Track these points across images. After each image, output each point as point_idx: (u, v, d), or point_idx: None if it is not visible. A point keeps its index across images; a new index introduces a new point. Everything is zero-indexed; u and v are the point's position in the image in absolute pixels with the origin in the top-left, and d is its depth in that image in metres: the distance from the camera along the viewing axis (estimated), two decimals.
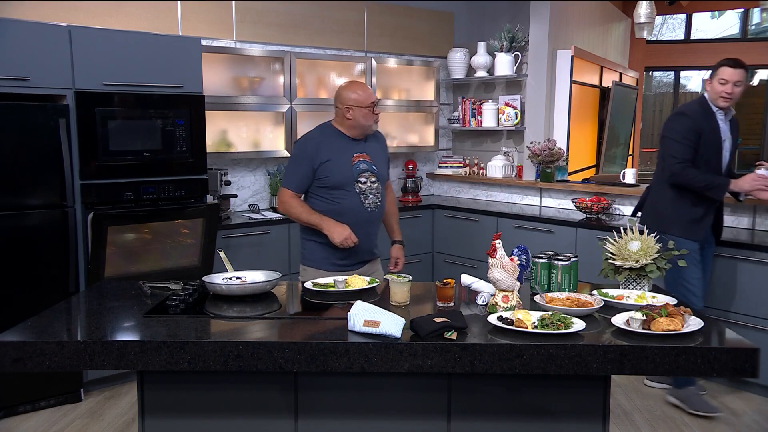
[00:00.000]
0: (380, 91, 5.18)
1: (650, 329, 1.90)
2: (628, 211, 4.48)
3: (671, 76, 11.28)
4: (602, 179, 5.08)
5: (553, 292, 2.34)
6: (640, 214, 3.61)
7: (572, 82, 5.22)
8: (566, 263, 2.37)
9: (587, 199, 4.50)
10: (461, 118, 5.60)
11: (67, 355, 1.85)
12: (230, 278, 2.41)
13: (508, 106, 5.27)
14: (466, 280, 2.35)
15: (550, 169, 4.92)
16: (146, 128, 3.66)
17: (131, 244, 3.73)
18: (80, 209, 3.49)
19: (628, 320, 1.97)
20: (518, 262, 2.20)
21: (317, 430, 2.09)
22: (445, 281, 2.23)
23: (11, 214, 3.28)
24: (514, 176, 5.31)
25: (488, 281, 2.21)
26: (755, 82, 12.29)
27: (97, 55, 3.47)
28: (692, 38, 10.54)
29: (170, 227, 3.84)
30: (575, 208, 4.56)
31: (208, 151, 3.99)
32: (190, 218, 3.86)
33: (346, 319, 1.95)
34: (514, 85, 5.43)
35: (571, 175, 5.23)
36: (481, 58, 5.39)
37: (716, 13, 10.74)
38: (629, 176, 4.69)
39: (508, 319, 1.96)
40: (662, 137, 3.43)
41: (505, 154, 5.43)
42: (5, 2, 3.60)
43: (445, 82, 5.72)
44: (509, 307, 2.12)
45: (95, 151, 3.49)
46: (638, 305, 2.15)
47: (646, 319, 1.94)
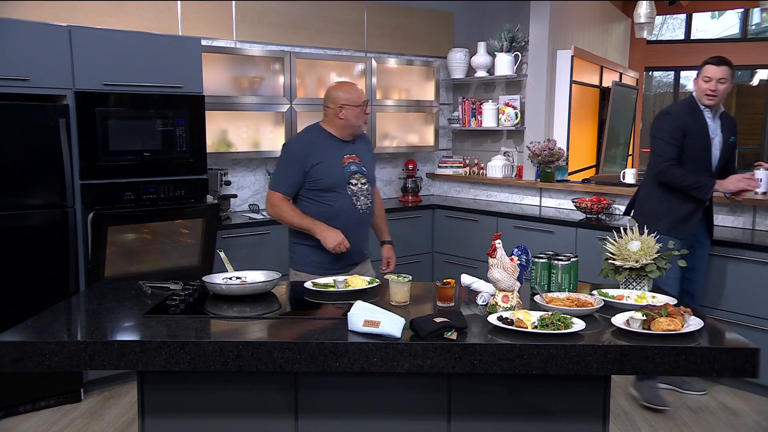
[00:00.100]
0: (380, 91, 5.18)
1: (650, 329, 1.90)
2: None
3: (671, 76, 11.29)
4: (602, 179, 5.08)
5: (553, 292, 2.34)
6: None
7: (572, 82, 5.22)
8: (566, 263, 2.37)
9: (587, 199, 4.50)
10: (461, 118, 5.60)
11: (67, 355, 1.85)
12: (230, 278, 2.41)
13: (508, 106, 5.27)
14: (466, 280, 2.35)
15: (550, 169, 4.92)
16: (146, 128, 3.66)
17: (131, 244, 3.73)
18: (80, 209, 3.49)
19: (628, 320, 1.97)
20: (518, 262, 2.20)
21: (317, 430, 2.09)
22: (445, 281, 2.23)
23: (11, 214, 3.28)
24: (514, 176, 5.31)
25: (488, 281, 2.21)
26: (755, 82, 12.28)
27: (97, 55, 3.48)
28: (692, 38, 10.54)
29: (170, 227, 3.84)
30: (575, 208, 4.56)
31: (208, 151, 3.99)
32: (190, 218, 3.86)
33: (346, 319, 1.95)
34: (514, 85, 5.43)
35: (571, 175, 5.23)
36: (481, 58, 5.40)
37: (716, 13, 10.74)
38: (629, 176, 4.69)
39: (508, 319, 1.96)
40: (651, 136, 3.50)
41: (505, 154, 5.43)
42: (5, 2, 3.60)
43: (445, 82, 5.72)
44: (509, 307, 2.12)
45: (95, 151, 3.50)
46: (638, 305, 2.14)
47: (646, 319, 1.94)
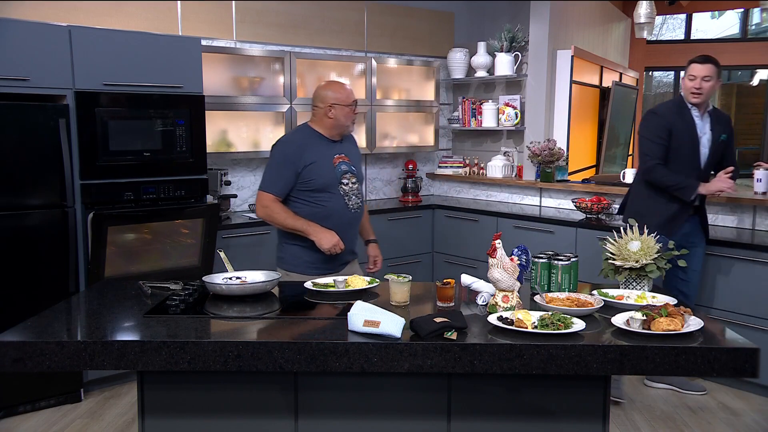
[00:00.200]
0: (380, 91, 5.18)
1: (650, 329, 1.90)
2: None
3: (671, 76, 11.29)
4: (602, 179, 5.08)
5: (553, 292, 2.34)
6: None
7: (572, 82, 5.22)
8: (566, 263, 2.37)
9: (587, 199, 4.50)
10: (461, 118, 5.60)
11: (67, 355, 1.85)
12: (230, 278, 2.41)
13: (508, 106, 5.27)
14: (466, 280, 2.35)
15: (550, 169, 4.92)
16: (146, 128, 3.66)
17: (131, 244, 3.73)
18: (80, 209, 3.49)
19: (628, 320, 1.97)
20: (518, 262, 2.20)
21: (317, 430, 2.09)
22: (445, 281, 2.23)
23: (11, 214, 3.28)
24: (514, 176, 5.31)
25: (488, 281, 2.21)
26: (755, 82, 12.28)
27: (97, 55, 3.48)
28: (692, 38, 10.54)
29: (170, 227, 3.84)
30: (575, 208, 4.56)
31: (208, 151, 3.99)
32: (190, 218, 3.86)
33: (346, 319, 1.95)
34: (514, 85, 5.43)
35: (571, 175, 5.23)
36: (481, 58, 5.39)
37: (716, 13, 10.74)
38: (629, 176, 4.68)
39: (508, 319, 1.96)
40: (638, 135, 3.56)
41: (505, 154, 5.43)
42: (5, 2, 3.60)
43: (445, 82, 5.72)
44: (509, 307, 2.12)
45: (95, 151, 3.50)
46: (638, 305, 2.15)
47: (646, 319, 1.94)
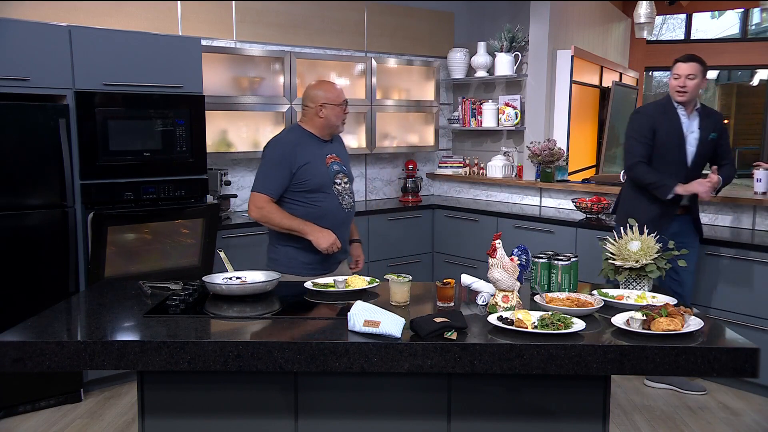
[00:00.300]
0: (380, 91, 5.18)
1: (650, 329, 1.90)
2: None
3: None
4: (602, 179, 5.08)
5: (553, 292, 2.34)
6: None
7: (572, 82, 5.22)
8: (566, 263, 2.37)
9: (587, 199, 4.50)
10: (461, 118, 5.60)
11: (67, 355, 1.85)
12: (230, 278, 2.41)
13: (508, 106, 5.27)
14: (466, 280, 2.35)
15: (550, 169, 4.92)
16: (146, 128, 3.66)
17: (131, 244, 3.73)
18: (80, 209, 3.49)
19: (628, 320, 1.97)
20: (518, 262, 2.20)
21: (317, 430, 2.09)
22: (445, 281, 2.23)
23: (11, 214, 3.28)
24: (514, 176, 5.31)
25: (488, 281, 2.21)
26: (755, 82, 12.27)
27: (97, 55, 3.47)
28: (692, 38, 10.54)
29: (170, 227, 3.84)
30: (575, 208, 4.56)
31: (208, 151, 3.99)
32: (190, 218, 3.86)
33: (346, 319, 1.95)
34: (514, 85, 5.42)
35: (571, 175, 5.23)
36: (481, 58, 5.39)
37: (716, 13, 10.74)
38: None
39: (508, 319, 1.96)
40: (625, 134, 3.62)
41: (505, 154, 5.42)
42: (5, 2, 3.60)
43: (445, 82, 5.72)
44: (509, 307, 2.12)
45: (95, 151, 3.50)
46: (638, 305, 2.15)
47: (646, 319, 1.94)
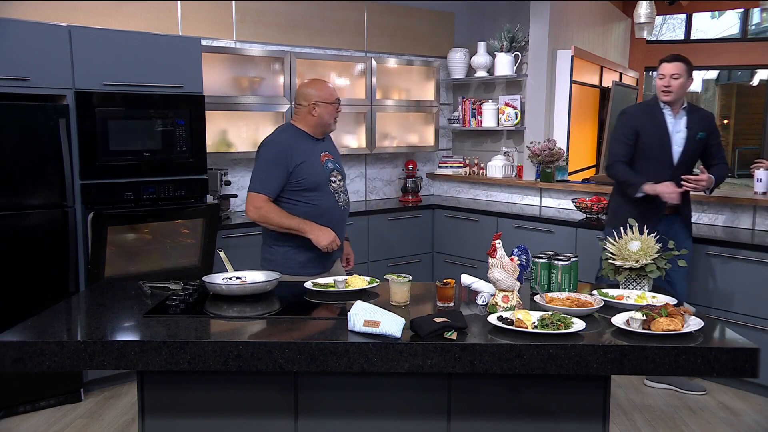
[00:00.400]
0: (380, 91, 5.18)
1: (650, 329, 1.90)
2: None
3: None
4: (602, 179, 5.07)
5: (553, 292, 2.34)
6: None
7: (572, 82, 5.22)
8: (566, 263, 2.37)
9: (587, 199, 4.50)
10: (461, 118, 5.60)
11: (67, 355, 1.85)
12: (230, 278, 2.41)
13: (508, 106, 5.27)
14: (466, 280, 2.35)
15: (550, 169, 4.92)
16: (146, 128, 3.66)
17: (131, 244, 3.73)
18: (80, 209, 3.49)
19: (628, 320, 1.97)
20: (518, 262, 2.20)
21: (317, 430, 2.09)
22: (445, 281, 2.23)
23: (11, 214, 3.28)
24: (514, 176, 5.31)
25: (488, 281, 2.21)
26: (755, 82, 12.27)
27: (97, 55, 3.47)
28: (692, 38, 10.54)
29: (170, 227, 3.84)
30: (575, 208, 4.56)
31: (208, 151, 3.99)
32: (190, 218, 3.86)
33: (346, 319, 1.95)
34: (514, 85, 5.42)
35: (571, 175, 5.23)
36: (481, 58, 5.39)
37: (716, 13, 10.74)
38: None
39: (508, 319, 1.96)
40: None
41: (505, 154, 5.42)
42: (5, 2, 3.60)
43: (445, 82, 5.72)
44: (509, 307, 2.12)
45: (95, 151, 3.50)
46: (638, 305, 2.15)
47: (646, 319, 1.94)
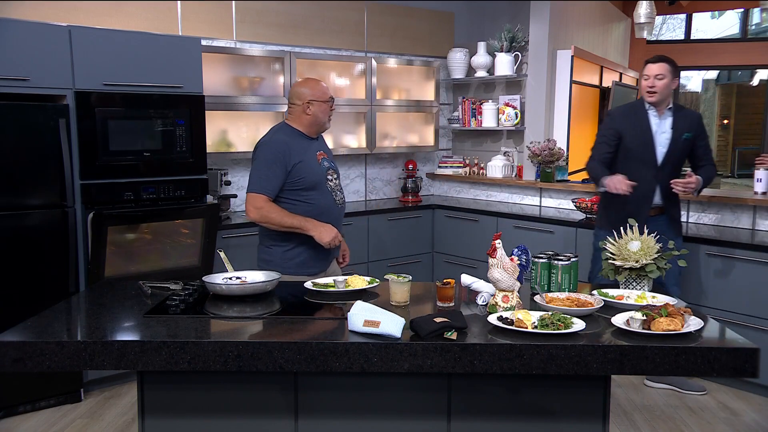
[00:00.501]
0: (380, 91, 5.18)
1: (650, 329, 1.90)
2: None
3: None
4: None
5: (553, 292, 2.34)
6: None
7: (572, 82, 5.22)
8: (566, 263, 2.37)
9: (587, 199, 4.51)
10: (461, 118, 5.60)
11: (67, 355, 1.85)
12: (230, 278, 2.41)
13: (508, 106, 5.27)
14: (466, 280, 2.35)
15: (550, 169, 4.92)
16: (146, 128, 3.66)
17: (131, 244, 3.73)
18: (80, 209, 3.49)
19: (628, 320, 1.97)
20: (518, 262, 2.20)
21: (317, 430, 2.09)
22: (445, 281, 2.23)
23: (11, 214, 3.28)
24: (514, 176, 5.31)
25: (488, 281, 2.21)
26: (755, 82, 12.27)
27: (97, 55, 3.47)
28: (692, 38, 10.54)
29: (170, 227, 3.84)
30: (575, 208, 4.56)
31: (208, 151, 3.99)
32: (190, 218, 3.86)
33: (345, 319, 1.95)
34: (514, 85, 5.42)
35: (571, 175, 5.22)
36: (481, 58, 5.39)
37: (716, 13, 10.74)
38: None
39: (508, 319, 1.96)
40: None
41: (505, 154, 5.43)
42: (5, 2, 3.60)
43: (445, 82, 5.72)
44: (509, 307, 2.12)
45: (95, 151, 3.50)
46: (638, 305, 2.15)
47: (646, 319, 1.94)
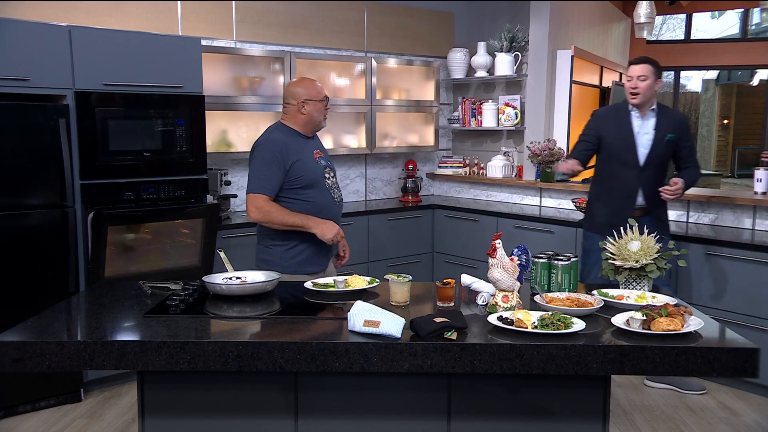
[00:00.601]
0: (380, 91, 5.18)
1: (650, 329, 1.90)
2: None
3: (671, 76, 11.29)
4: None
5: (553, 292, 2.34)
6: None
7: (572, 82, 5.22)
8: (566, 263, 2.37)
9: (587, 199, 4.49)
10: (461, 118, 5.60)
11: (67, 355, 1.85)
12: (230, 278, 2.41)
13: (508, 106, 5.27)
14: (466, 280, 2.35)
15: (550, 169, 4.92)
16: (146, 128, 3.66)
17: (131, 244, 3.73)
18: (80, 209, 3.49)
19: (628, 320, 1.97)
20: (518, 262, 2.20)
21: (317, 430, 2.09)
22: (445, 281, 2.23)
23: (11, 214, 3.28)
24: (514, 176, 5.31)
25: (488, 281, 2.21)
26: (755, 82, 12.28)
27: (97, 55, 3.47)
28: (692, 38, 10.55)
29: (170, 227, 3.84)
30: (575, 208, 4.55)
31: (208, 151, 3.99)
32: (190, 218, 3.86)
33: (345, 319, 1.95)
34: (514, 85, 5.42)
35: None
36: (481, 58, 5.39)
37: (716, 13, 10.75)
38: None
39: (508, 319, 1.96)
40: None
41: (505, 154, 5.43)
42: (5, 2, 3.60)
43: (445, 82, 5.72)
44: (509, 307, 2.12)
45: (95, 151, 3.50)
46: (638, 305, 2.14)
47: (646, 319, 1.94)
